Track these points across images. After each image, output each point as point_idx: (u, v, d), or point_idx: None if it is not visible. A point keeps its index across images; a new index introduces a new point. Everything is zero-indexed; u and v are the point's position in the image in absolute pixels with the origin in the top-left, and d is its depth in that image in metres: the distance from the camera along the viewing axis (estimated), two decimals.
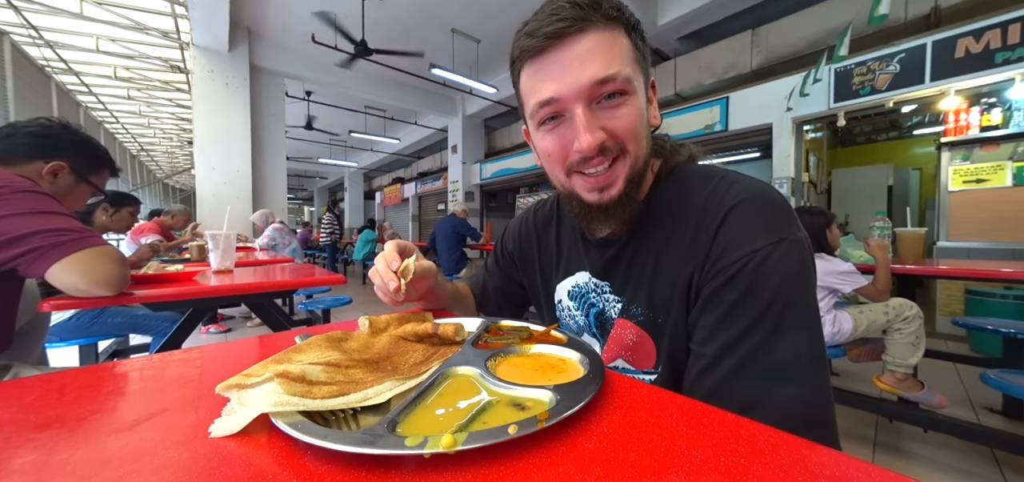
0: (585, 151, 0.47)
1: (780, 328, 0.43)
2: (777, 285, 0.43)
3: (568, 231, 0.69)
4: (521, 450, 0.27)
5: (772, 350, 0.42)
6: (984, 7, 3.16)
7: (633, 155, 0.50)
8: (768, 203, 0.47)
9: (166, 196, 15.92)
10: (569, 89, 0.46)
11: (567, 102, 0.47)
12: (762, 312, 0.43)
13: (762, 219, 0.46)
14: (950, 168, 3.42)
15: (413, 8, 5.15)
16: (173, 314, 2.02)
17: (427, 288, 0.65)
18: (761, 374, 0.42)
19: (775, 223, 0.46)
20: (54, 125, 1.08)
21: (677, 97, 5.39)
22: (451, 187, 8.88)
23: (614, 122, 0.48)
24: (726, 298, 0.45)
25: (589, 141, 0.47)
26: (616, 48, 0.47)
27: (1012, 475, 1.57)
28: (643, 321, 0.56)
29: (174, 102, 8.42)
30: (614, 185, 0.51)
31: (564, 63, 0.46)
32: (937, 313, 3.42)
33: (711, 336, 0.46)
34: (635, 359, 0.57)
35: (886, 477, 0.24)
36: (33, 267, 0.86)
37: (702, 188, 0.52)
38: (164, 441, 0.30)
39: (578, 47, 0.46)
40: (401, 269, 0.58)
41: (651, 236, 0.55)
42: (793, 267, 0.44)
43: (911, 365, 1.76)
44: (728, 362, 0.44)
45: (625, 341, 0.58)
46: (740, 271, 0.44)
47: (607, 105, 0.48)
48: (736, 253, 0.45)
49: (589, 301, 0.63)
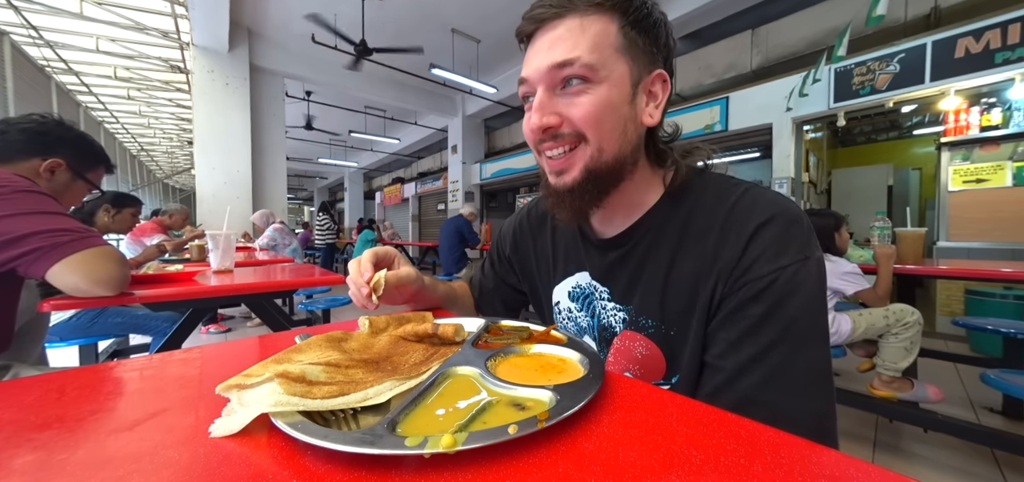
0: (529, 133, 0.50)
1: (803, 344, 0.44)
2: (802, 303, 0.44)
3: (565, 228, 0.67)
4: (521, 450, 0.27)
5: (795, 366, 0.43)
6: (984, 7, 3.16)
7: (595, 146, 0.49)
8: (794, 221, 0.47)
9: (166, 196, 15.92)
10: (534, 72, 0.48)
11: (533, 85, 0.49)
12: (786, 328, 0.43)
13: (789, 237, 0.46)
14: (950, 168, 3.42)
15: (413, 8, 5.15)
16: (173, 314, 2.02)
17: (409, 295, 0.63)
18: (784, 392, 0.43)
19: (801, 242, 0.46)
20: (48, 121, 1.07)
21: (677, 97, 5.38)
22: (451, 187, 8.88)
23: (571, 109, 0.48)
24: (752, 313, 0.45)
25: (533, 122, 0.49)
26: (589, 34, 0.47)
27: (1012, 475, 1.57)
28: (653, 333, 0.54)
29: (174, 102, 8.42)
30: (569, 171, 0.51)
31: (539, 46, 0.49)
32: (937, 313, 3.42)
33: (732, 350, 0.45)
34: (643, 373, 0.55)
35: (886, 477, 0.24)
36: (33, 267, 0.85)
37: (723, 200, 0.50)
38: (164, 441, 0.30)
39: (552, 32, 0.48)
40: (373, 282, 0.55)
41: (661, 245, 0.53)
42: (815, 285, 0.45)
43: (900, 369, 1.76)
44: (750, 377, 0.44)
45: (634, 354, 0.56)
46: (768, 287, 0.44)
47: (568, 91, 0.48)
48: (765, 268, 0.45)
49: (592, 306, 0.62)
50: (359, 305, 0.57)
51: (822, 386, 0.44)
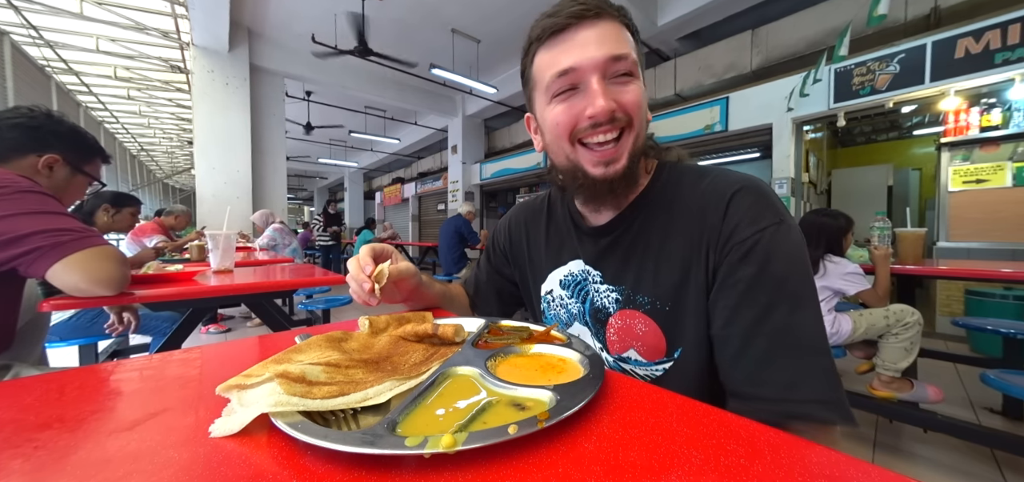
0: (598, 114, 0.51)
1: (800, 304, 0.47)
2: (787, 262, 0.48)
3: (559, 222, 0.71)
4: (521, 450, 0.27)
5: (797, 327, 0.46)
6: (984, 7, 3.16)
7: (636, 131, 0.54)
8: (763, 190, 0.52)
9: (166, 196, 15.92)
10: (587, 61, 0.51)
11: (584, 73, 0.52)
12: (779, 288, 0.47)
13: (762, 204, 0.51)
14: (950, 168, 3.42)
15: (413, 8, 5.15)
16: (173, 314, 2.02)
17: (409, 290, 0.66)
18: (793, 352, 0.45)
19: (772, 207, 0.51)
20: (38, 115, 1.05)
21: (677, 97, 5.38)
22: (451, 187, 8.88)
23: (624, 96, 0.52)
24: (743, 275, 0.48)
25: (602, 105, 0.51)
26: (625, 37, 0.53)
27: (1012, 475, 1.57)
28: (649, 309, 0.57)
29: (174, 102, 8.42)
30: (619, 160, 0.54)
31: (582, 40, 0.51)
32: (937, 313, 3.42)
33: (733, 316, 0.49)
34: (646, 351, 0.58)
35: (886, 477, 0.24)
36: (34, 267, 0.86)
37: (699, 181, 0.56)
38: (164, 441, 0.30)
39: (596, 28, 0.52)
40: (375, 274, 0.57)
41: (649, 226, 0.58)
42: (796, 246, 0.49)
43: (900, 369, 1.76)
44: (759, 345, 0.46)
45: (635, 331, 0.58)
46: (753, 248, 0.48)
47: (618, 81, 0.52)
48: (746, 231, 0.49)
49: (585, 290, 0.65)
50: (361, 301, 0.58)
51: (822, 342, 0.46)
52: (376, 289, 0.56)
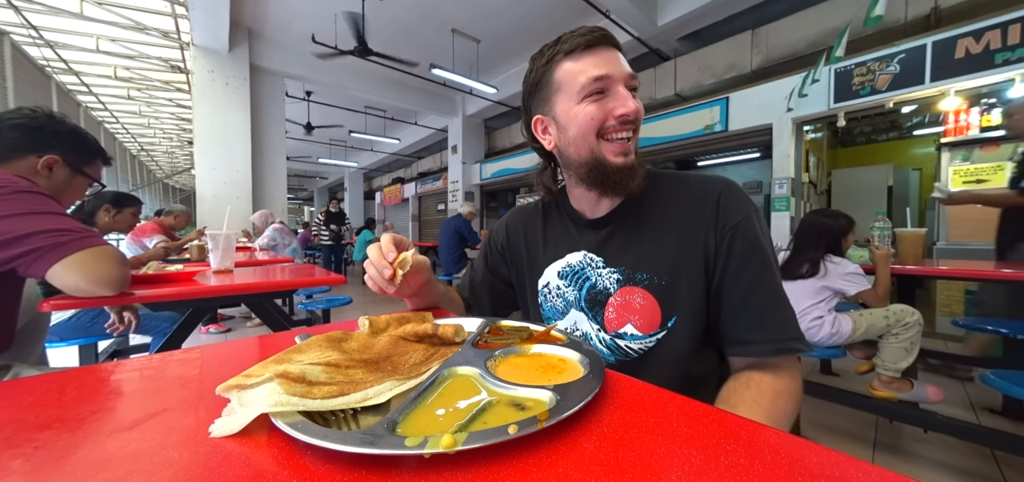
0: (628, 113, 0.62)
1: (776, 269, 0.63)
2: (766, 239, 0.64)
3: (556, 222, 0.79)
4: (521, 450, 0.27)
5: (779, 286, 0.62)
6: (984, 7, 3.16)
7: (638, 134, 0.67)
8: (739, 187, 0.67)
9: (166, 196, 15.92)
10: (619, 72, 0.63)
11: (614, 81, 0.63)
12: (764, 260, 0.61)
13: (742, 197, 0.65)
14: (950, 168, 3.41)
15: (413, 8, 5.15)
16: (173, 314, 2.02)
17: (421, 283, 0.70)
18: (781, 303, 0.61)
19: (748, 199, 0.65)
20: (40, 116, 1.05)
21: (677, 97, 5.38)
22: (451, 187, 8.88)
23: (638, 106, 0.65)
24: (738, 250, 0.62)
25: (634, 106, 0.63)
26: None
27: (1012, 475, 1.57)
28: (648, 284, 0.65)
29: (174, 102, 8.43)
30: (632, 153, 0.66)
31: (609, 57, 0.64)
32: (937, 313, 3.42)
33: (735, 280, 0.61)
34: (642, 323, 0.65)
35: (886, 477, 0.24)
36: (34, 267, 0.85)
37: (685, 180, 0.70)
38: (164, 441, 0.30)
39: (616, 53, 0.65)
40: (399, 260, 0.59)
41: (645, 216, 0.69)
42: (765, 227, 0.65)
43: (900, 369, 1.76)
44: (758, 298, 0.60)
45: (633, 306, 0.66)
46: (743, 230, 0.62)
47: (632, 94, 0.65)
48: (736, 217, 0.63)
49: (584, 276, 0.72)
50: (377, 288, 0.62)
51: (785, 293, 0.62)
52: (398, 275, 0.58)
